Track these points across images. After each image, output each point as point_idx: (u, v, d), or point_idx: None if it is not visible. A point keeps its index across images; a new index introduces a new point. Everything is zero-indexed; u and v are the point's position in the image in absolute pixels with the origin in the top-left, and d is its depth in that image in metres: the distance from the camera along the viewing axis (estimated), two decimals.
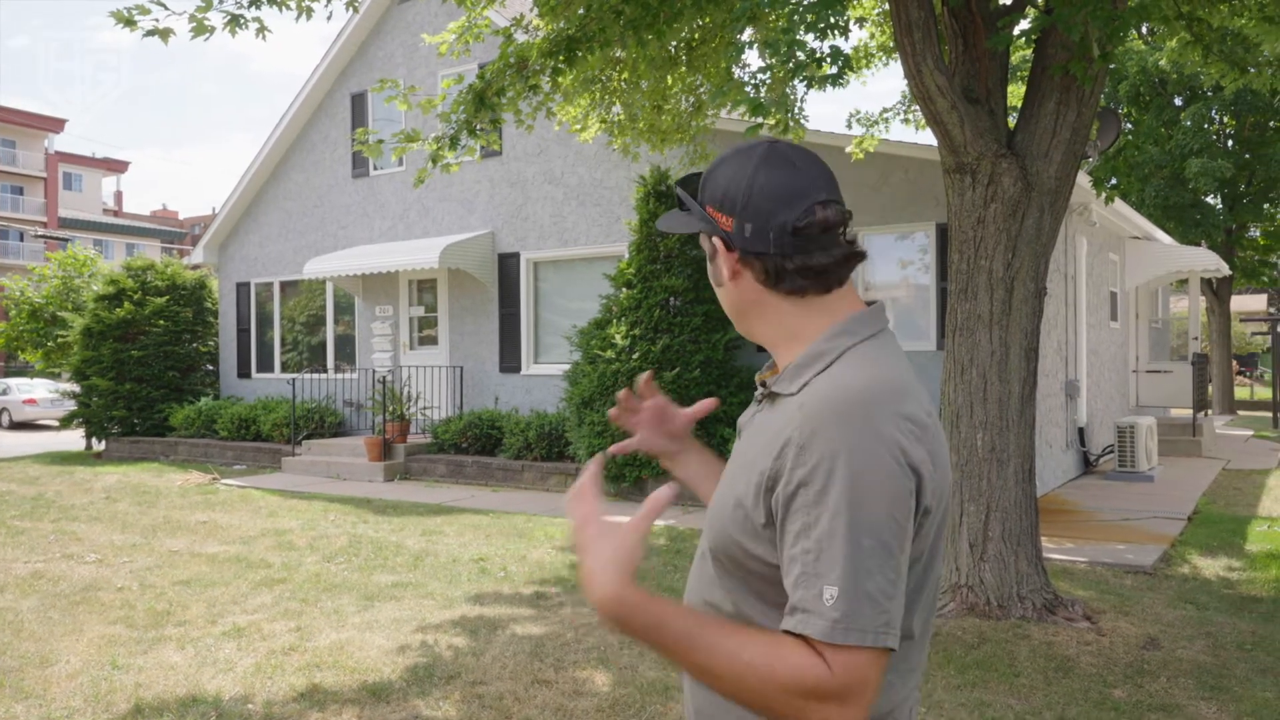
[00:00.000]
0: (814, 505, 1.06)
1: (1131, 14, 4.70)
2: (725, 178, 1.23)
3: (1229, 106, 17.69)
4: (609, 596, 1.08)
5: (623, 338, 9.20)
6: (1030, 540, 5.13)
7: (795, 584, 1.06)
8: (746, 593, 1.18)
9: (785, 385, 1.20)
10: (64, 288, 16.67)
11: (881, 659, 1.04)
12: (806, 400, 1.14)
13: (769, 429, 1.19)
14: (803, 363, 1.20)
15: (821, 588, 1.03)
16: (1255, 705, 3.86)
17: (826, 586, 1.03)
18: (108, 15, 4.86)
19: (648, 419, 1.55)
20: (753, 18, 4.72)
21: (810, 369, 1.19)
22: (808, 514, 1.06)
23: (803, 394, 1.16)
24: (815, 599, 1.03)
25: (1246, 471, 10.83)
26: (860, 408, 1.09)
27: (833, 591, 1.02)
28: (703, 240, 1.30)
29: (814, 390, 1.15)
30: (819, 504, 1.06)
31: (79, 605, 5.60)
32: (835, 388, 1.13)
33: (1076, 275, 10.13)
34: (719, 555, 1.20)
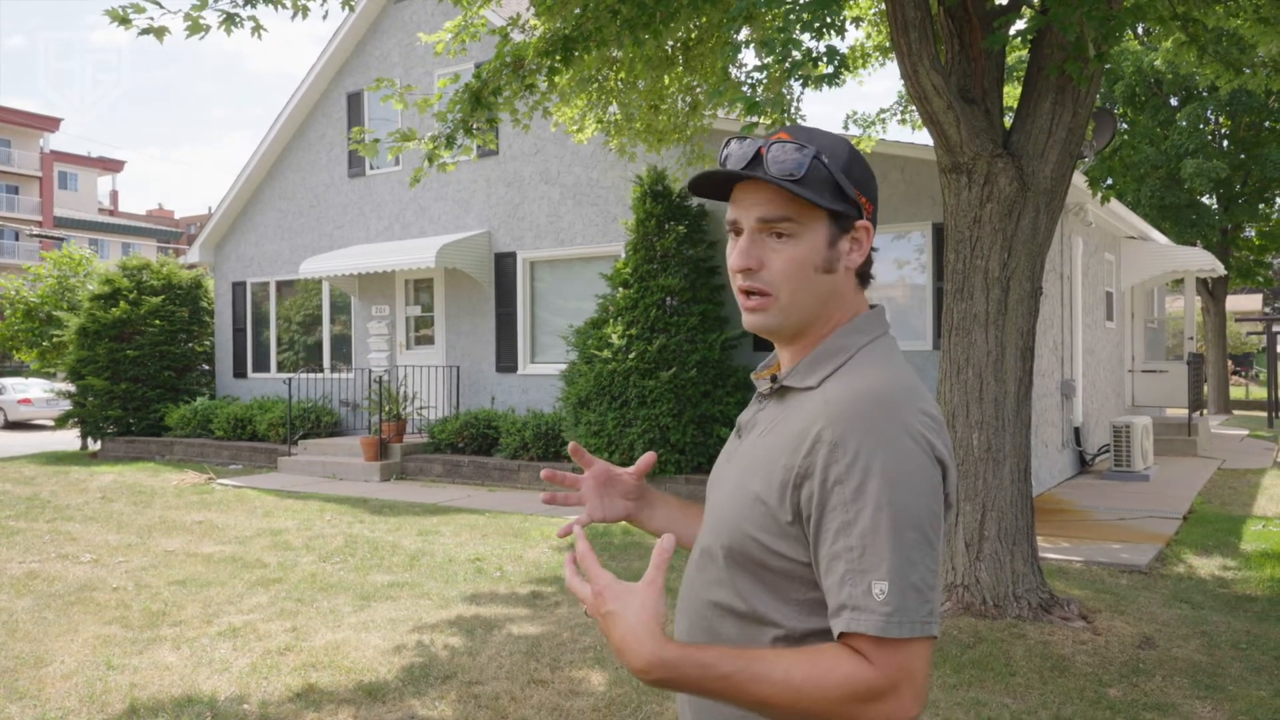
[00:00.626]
0: (852, 501, 1.07)
1: (1127, 14, 4.71)
2: (864, 165, 1.23)
3: (1224, 107, 17.73)
4: (650, 662, 1.06)
5: (619, 337, 9.20)
6: (1026, 540, 5.14)
7: (841, 581, 1.06)
8: (763, 590, 1.17)
9: (799, 379, 1.20)
10: (59, 287, 16.63)
11: (928, 649, 1.06)
12: (832, 397, 1.14)
13: (788, 424, 1.18)
14: (819, 357, 1.20)
15: (870, 583, 1.04)
16: (1250, 704, 3.87)
17: (875, 582, 1.04)
18: (103, 14, 4.85)
19: (592, 490, 1.48)
20: (749, 17, 4.72)
21: (826, 364, 1.19)
22: (846, 511, 1.07)
23: (824, 390, 1.16)
24: (865, 595, 1.04)
25: (1242, 471, 10.85)
26: (889, 405, 1.11)
27: (882, 586, 1.04)
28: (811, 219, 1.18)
29: (838, 387, 1.15)
30: (857, 500, 1.07)
31: (74, 605, 5.58)
32: (861, 385, 1.14)
33: (1072, 275, 10.15)
34: (734, 553, 1.19)
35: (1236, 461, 11.68)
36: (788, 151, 1.16)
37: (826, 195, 1.17)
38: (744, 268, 1.19)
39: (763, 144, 1.18)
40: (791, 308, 1.19)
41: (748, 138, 1.20)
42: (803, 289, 1.19)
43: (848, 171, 1.19)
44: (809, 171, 1.16)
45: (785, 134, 1.19)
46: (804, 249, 1.18)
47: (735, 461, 1.26)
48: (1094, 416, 11.20)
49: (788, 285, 1.18)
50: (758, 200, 1.19)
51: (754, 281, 1.20)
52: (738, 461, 1.26)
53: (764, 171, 1.16)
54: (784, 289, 1.18)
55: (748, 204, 1.20)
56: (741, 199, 1.21)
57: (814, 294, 1.20)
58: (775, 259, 1.18)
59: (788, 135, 1.19)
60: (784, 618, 1.16)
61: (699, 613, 1.25)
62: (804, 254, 1.18)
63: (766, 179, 1.16)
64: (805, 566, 1.14)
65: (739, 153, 1.19)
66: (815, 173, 1.16)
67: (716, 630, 1.22)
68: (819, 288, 1.20)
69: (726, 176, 1.20)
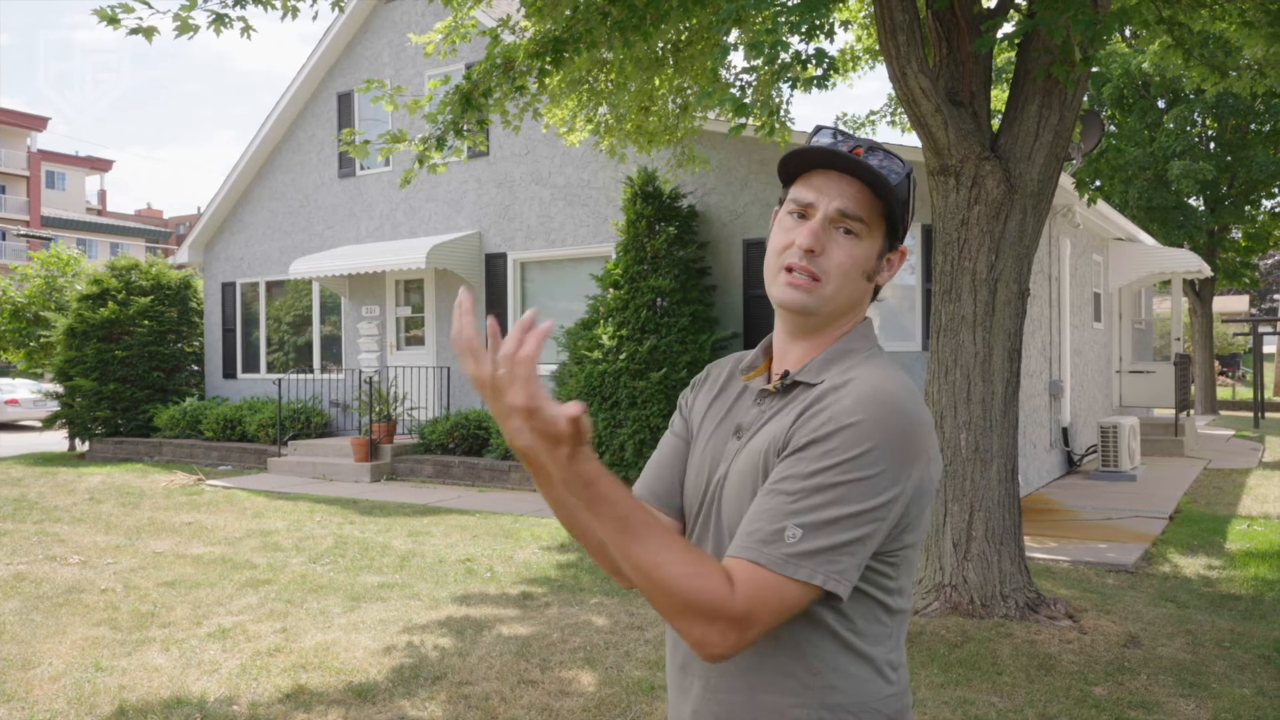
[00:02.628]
0: (820, 458, 1.12)
1: (1113, 18, 4.75)
2: (914, 198, 1.29)
3: (1211, 109, 17.86)
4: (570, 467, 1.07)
5: (610, 338, 9.21)
6: (1013, 539, 5.17)
7: (759, 514, 1.12)
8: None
9: (813, 375, 1.25)
10: (47, 287, 16.52)
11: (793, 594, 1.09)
12: (839, 383, 1.20)
13: (788, 411, 1.22)
14: (833, 356, 1.26)
15: (785, 526, 1.09)
16: (1233, 702, 3.91)
17: (792, 525, 1.10)
18: (90, 13, 4.84)
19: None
20: (738, 19, 4.74)
21: (840, 363, 1.25)
22: (810, 462, 1.12)
23: (833, 381, 1.21)
24: (775, 534, 1.09)
25: (1228, 471, 10.93)
26: (887, 399, 1.16)
27: (795, 533, 1.09)
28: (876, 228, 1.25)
29: (852, 381, 1.20)
30: (822, 459, 1.12)
31: (62, 607, 5.56)
32: (867, 380, 1.19)
33: (1060, 276, 10.21)
34: None
35: (1222, 461, 11.77)
36: (891, 160, 1.24)
37: (898, 211, 1.25)
38: (811, 248, 1.22)
39: (859, 145, 1.23)
40: (832, 300, 1.25)
41: (843, 135, 1.25)
42: (846, 286, 1.25)
43: (909, 198, 1.27)
44: (899, 184, 1.24)
45: (859, 149, 1.24)
46: (863, 251, 1.25)
47: (739, 461, 1.26)
48: (1082, 417, 11.27)
49: (838, 279, 1.24)
50: (843, 192, 1.23)
51: (811, 264, 1.23)
52: (740, 460, 1.26)
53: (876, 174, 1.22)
54: (834, 281, 1.23)
55: (831, 192, 1.23)
56: (824, 186, 1.24)
57: (851, 294, 1.26)
58: (838, 251, 1.23)
59: (860, 151, 1.24)
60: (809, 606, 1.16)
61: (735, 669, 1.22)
62: (861, 256, 1.25)
63: (873, 175, 1.21)
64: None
65: (841, 147, 1.23)
66: (901, 188, 1.24)
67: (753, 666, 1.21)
68: (857, 291, 1.27)
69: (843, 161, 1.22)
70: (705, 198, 10.08)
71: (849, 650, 1.18)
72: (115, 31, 4.92)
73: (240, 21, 5.25)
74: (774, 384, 1.28)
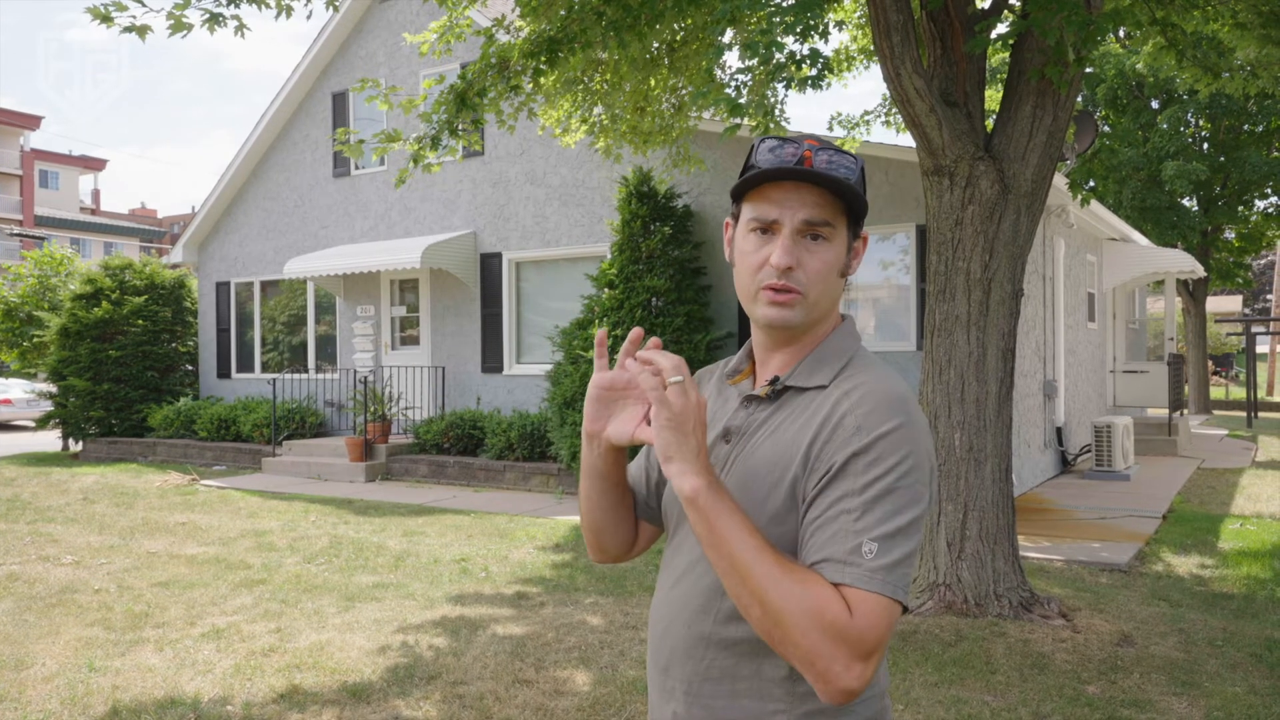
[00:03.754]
0: (865, 471, 1.12)
1: (1106, 19, 4.76)
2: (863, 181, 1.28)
3: (1204, 110, 17.91)
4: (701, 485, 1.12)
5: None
6: (1007, 539, 5.18)
7: (834, 536, 1.11)
8: None
9: (805, 379, 1.25)
10: (40, 287, 16.47)
11: (893, 619, 1.09)
12: (851, 389, 1.20)
13: (799, 420, 1.22)
14: (822, 359, 1.26)
15: (862, 542, 1.09)
16: (1225, 700, 3.92)
17: (867, 541, 1.09)
18: (84, 12, 4.82)
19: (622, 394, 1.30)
20: (733, 19, 4.75)
21: (832, 365, 1.25)
22: (860, 478, 1.12)
23: (841, 385, 1.22)
24: (854, 552, 1.09)
25: (1221, 470, 10.97)
26: (904, 403, 1.17)
27: (872, 547, 1.09)
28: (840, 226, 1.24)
29: (854, 383, 1.21)
30: (870, 470, 1.12)
31: (55, 608, 5.55)
32: (876, 383, 1.20)
33: (1054, 276, 10.24)
34: None
35: (1216, 461, 11.81)
36: (841, 156, 1.22)
37: (858, 204, 1.24)
38: (789, 266, 1.21)
39: (806, 149, 1.21)
40: (815, 307, 1.25)
41: (782, 140, 1.23)
42: (827, 290, 1.25)
43: (862, 185, 1.27)
44: (855, 178, 1.23)
45: (816, 142, 1.23)
46: (834, 253, 1.24)
47: (733, 467, 1.25)
48: (1076, 416, 11.30)
49: (818, 286, 1.23)
50: (804, 202, 1.21)
51: (789, 280, 1.22)
52: (737, 467, 1.25)
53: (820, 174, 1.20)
54: (814, 289, 1.23)
55: (792, 205, 1.21)
56: (783, 199, 1.21)
57: (831, 296, 1.26)
58: (812, 260, 1.22)
59: (818, 143, 1.23)
60: None
61: (708, 658, 1.24)
62: (834, 258, 1.24)
63: (831, 181, 1.19)
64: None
65: (787, 154, 1.22)
66: (857, 180, 1.24)
67: (734, 672, 1.22)
68: (836, 290, 1.27)
69: (797, 175, 1.20)
70: (700, 198, 10.08)
71: None
72: (109, 30, 4.91)
73: (234, 20, 5.24)
74: (764, 390, 1.27)
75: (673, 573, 1.32)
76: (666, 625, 1.30)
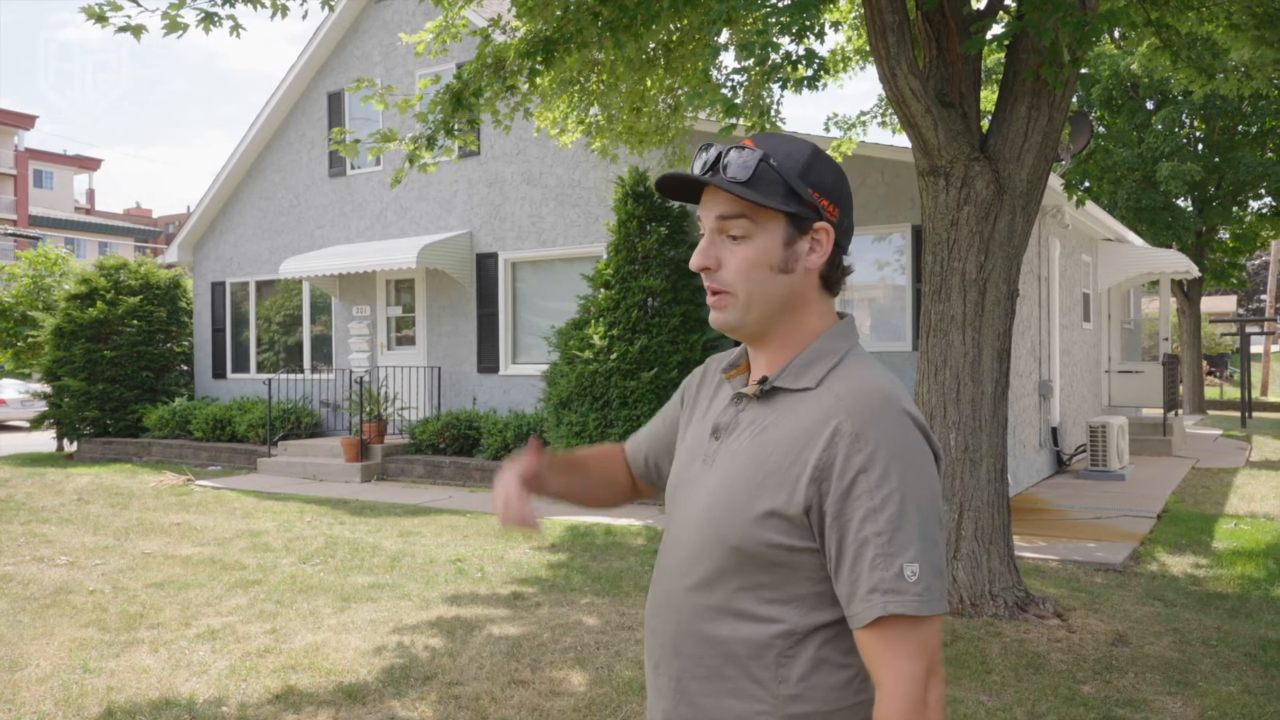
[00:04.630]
0: (877, 488, 1.11)
1: (1101, 20, 4.77)
2: (828, 170, 1.23)
3: (1199, 111, 17.96)
4: None
5: (601, 338, 9.21)
6: (1002, 539, 5.19)
7: (872, 565, 1.10)
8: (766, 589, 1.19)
9: (792, 380, 1.23)
10: (34, 287, 16.41)
11: (941, 623, 1.12)
12: (842, 392, 1.18)
13: (789, 422, 1.20)
14: (810, 360, 1.23)
15: (901, 566, 1.09)
16: (1219, 700, 3.93)
17: (906, 564, 1.09)
18: (78, 11, 4.81)
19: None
20: (729, 20, 4.74)
21: (819, 366, 1.23)
22: (872, 497, 1.11)
23: (829, 388, 1.19)
24: (897, 578, 1.09)
25: (1215, 470, 11.00)
26: (895, 403, 1.16)
27: (914, 569, 1.09)
28: (766, 220, 1.20)
29: (843, 385, 1.19)
30: (882, 486, 1.11)
31: (49, 609, 5.53)
32: (867, 384, 1.18)
33: (1049, 277, 10.26)
34: (739, 557, 1.19)
35: (1210, 461, 11.84)
36: (739, 156, 1.20)
37: (776, 197, 1.19)
38: (701, 267, 1.24)
39: (721, 151, 1.21)
40: (750, 306, 1.22)
41: (714, 144, 1.24)
42: (759, 288, 1.22)
43: (804, 175, 1.21)
44: (756, 174, 1.19)
45: (749, 140, 1.23)
46: (757, 249, 1.21)
47: (718, 464, 1.26)
48: (1071, 416, 11.32)
49: (743, 284, 1.22)
50: (716, 201, 1.23)
51: (713, 280, 1.24)
52: (722, 464, 1.25)
53: (717, 175, 1.20)
54: (740, 287, 1.22)
55: (708, 205, 1.24)
56: (705, 201, 1.25)
57: (771, 293, 1.22)
58: (731, 258, 1.22)
59: (750, 142, 1.22)
60: (787, 614, 1.18)
61: (695, 656, 1.24)
62: (758, 254, 1.21)
63: (712, 182, 1.20)
64: (815, 554, 1.16)
65: (704, 158, 1.23)
66: (764, 175, 1.19)
67: (721, 671, 1.22)
68: (776, 287, 1.22)
69: (681, 180, 1.24)
70: None
71: (821, 660, 1.18)
72: (103, 30, 4.89)
73: (230, 20, 5.22)
74: (752, 389, 1.26)
75: (664, 570, 1.32)
76: (657, 623, 1.30)
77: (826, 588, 1.17)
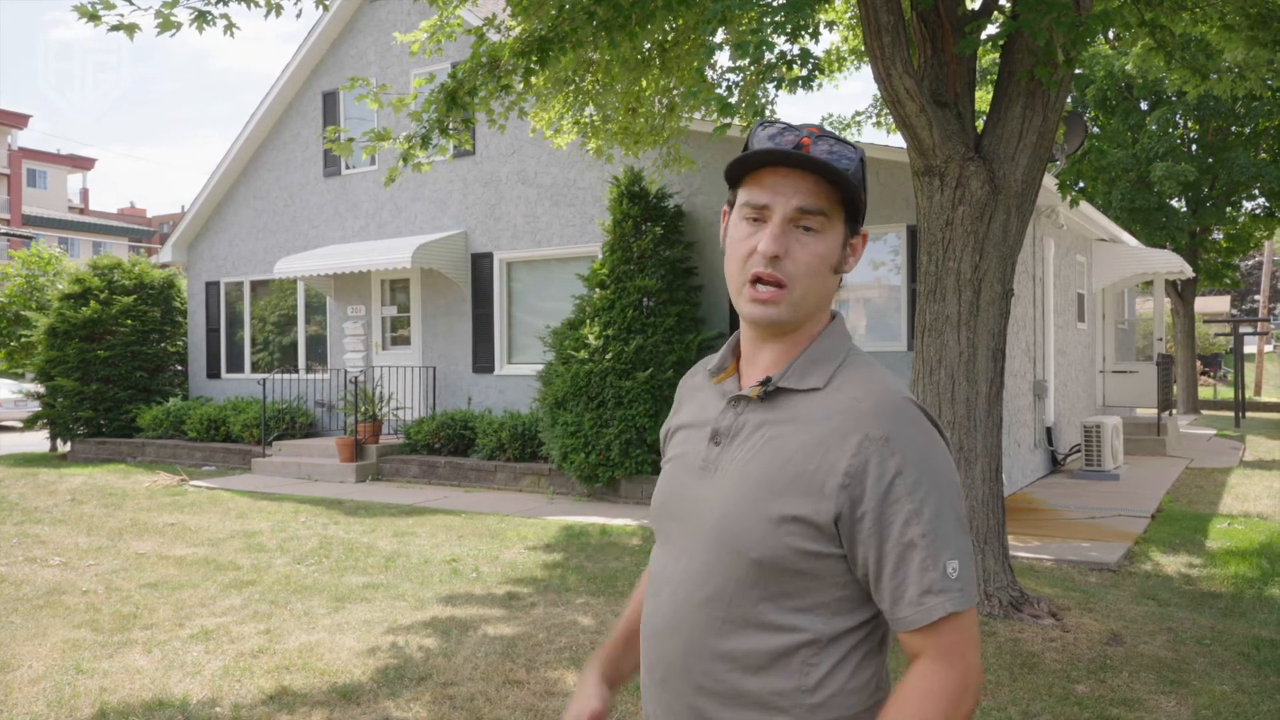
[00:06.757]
0: (913, 492, 1.11)
1: (1095, 20, 4.78)
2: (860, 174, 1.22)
3: (1193, 111, 18.00)
4: None
5: (596, 338, 9.21)
6: (997, 538, 5.20)
7: (922, 568, 1.11)
8: (787, 599, 1.16)
9: (798, 380, 1.20)
10: (28, 286, 16.35)
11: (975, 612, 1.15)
12: (860, 396, 1.16)
13: (803, 427, 1.17)
14: (814, 358, 1.21)
15: (944, 564, 1.10)
16: (1213, 699, 3.94)
17: (948, 561, 1.11)
18: (70, 10, 4.79)
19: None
20: (724, 20, 4.74)
21: (825, 365, 1.21)
22: (912, 499, 1.11)
23: (841, 389, 1.18)
24: (943, 577, 1.11)
25: (1209, 470, 11.03)
26: (913, 404, 1.16)
27: (954, 565, 1.11)
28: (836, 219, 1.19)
29: (858, 386, 1.18)
30: (918, 490, 1.11)
31: (42, 609, 5.51)
32: (881, 386, 1.17)
33: (1044, 277, 10.27)
34: (760, 568, 1.16)
35: (1204, 461, 11.87)
36: (842, 146, 1.17)
37: (856, 196, 1.19)
38: (775, 254, 1.15)
39: (806, 135, 1.17)
40: (802, 303, 1.19)
41: (781, 124, 1.19)
42: (815, 285, 1.19)
43: (863, 180, 1.22)
44: (854, 170, 1.18)
45: (817, 130, 1.19)
46: (827, 246, 1.19)
47: (724, 472, 1.21)
48: (1065, 416, 11.34)
49: (806, 279, 1.18)
50: (799, 189, 1.16)
51: (776, 269, 1.17)
52: (730, 472, 1.20)
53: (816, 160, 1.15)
54: (801, 282, 1.17)
55: (786, 191, 1.16)
56: (776, 185, 1.17)
57: (820, 292, 1.20)
58: (802, 252, 1.17)
59: (819, 131, 1.19)
60: (810, 622, 1.16)
61: (711, 673, 1.19)
62: (827, 250, 1.19)
63: (826, 168, 1.14)
64: (840, 559, 1.15)
65: (786, 141, 1.17)
66: (857, 173, 1.19)
67: (739, 686, 1.18)
68: (827, 287, 1.21)
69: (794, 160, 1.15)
70: (691, 198, 10.09)
71: (844, 666, 1.16)
72: (96, 29, 4.88)
73: (223, 19, 5.21)
74: (755, 391, 1.21)
75: (667, 587, 1.26)
76: (664, 638, 1.24)
77: (850, 592, 1.16)
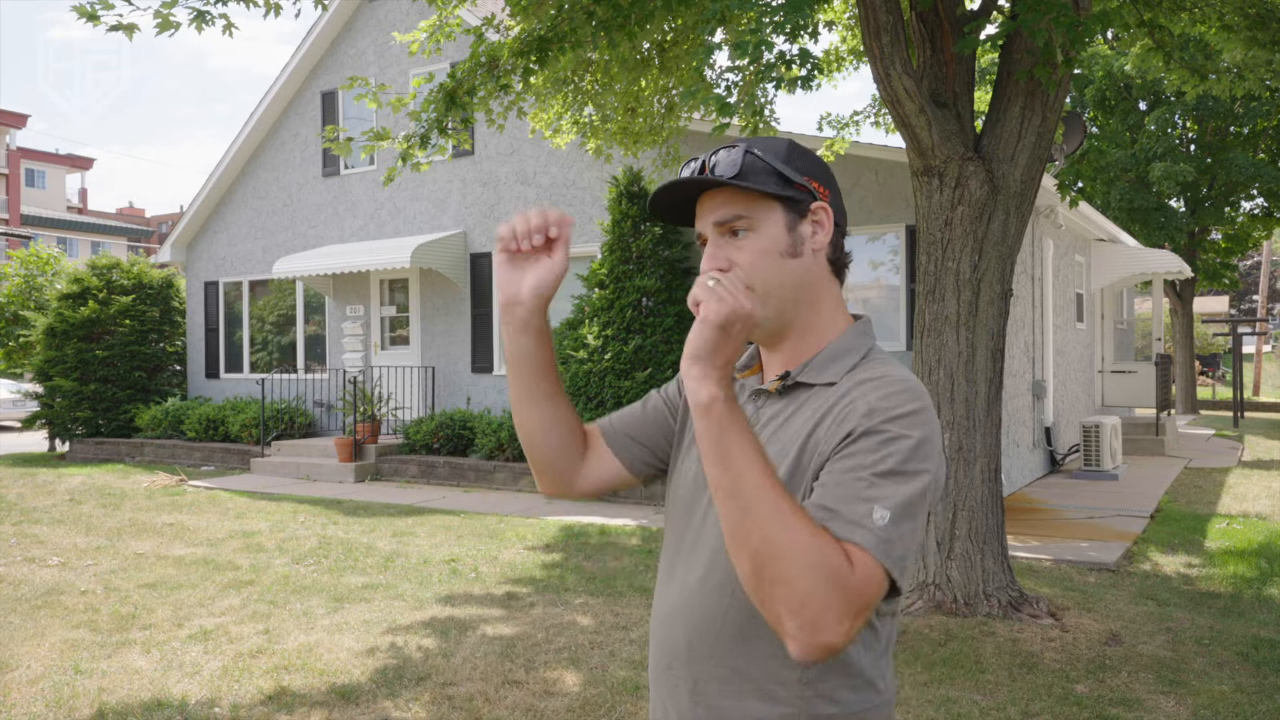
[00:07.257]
0: (880, 448, 1.09)
1: (1094, 21, 4.78)
2: (809, 156, 1.26)
3: (1191, 111, 18.02)
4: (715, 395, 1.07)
5: (595, 338, 9.20)
6: (996, 539, 5.20)
7: (846, 497, 1.06)
8: None
9: (816, 375, 1.23)
10: (26, 286, 16.34)
11: (882, 592, 1.05)
12: (864, 378, 1.18)
13: (807, 409, 1.20)
14: (832, 355, 1.24)
15: (874, 507, 1.05)
16: (1212, 698, 3.94)
17: (879, 507, 1.05)
18: (69, 10, 4.79)
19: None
20: (723, 19, 4.74)
21: (844, 360, 1.23)
22: (874, 452, 1.09)
23: (854, 376, 1.20)
24: (866, 515, 1.05)
25: (1207, 470, 11.04)
26: (922, 400, 1.16)
27: (884, 514, 1.05)
28: (764, 211, 1.22)
29: (866, 374, 1.19)
30: (885, 448, 1.09)
31: (41, 609, 5.50)
32: (894, 378, 1.18)
33: (1043, 277, 10.28)
34: None
35: (1203, 461, 11.88)
36: (725, 155, 1.23)
37: (771, 184, 1.22)
38: (716, 269, 1.21)
39: (705, 158, 1.24)
40: (768, 298, 1.21)
41: (696, 156, 1.27)
42: (773, 276, 1.22)
43: (789, 160, 1.24)
44: (745, 166, 1.21)
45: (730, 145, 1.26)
46: (764, 239, 1.22)
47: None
48: (1064, 416, 11.35)
49: (758, 275, 1.21)
50: (711, 207, 1.25)
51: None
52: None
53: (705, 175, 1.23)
54: (755, 279, 1.21)
55: (704, 213, 1.26)
56: (700, 212, 1.27)
57: (784, 280, 1.22)
58: (741, 254, 1.22)
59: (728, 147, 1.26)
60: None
61: (715, 659, 1.20)
62: (766, 243, 1.22)
63: (705, 179, 1.22)
64: None
65: (690, 168, 1.26)
66: (752, 166, 1.22)
67: (744, 672, 1.19)
68: (789, 274, 1.23)
69: (672, 192, 1.26)
70: None
71: (848, 660, 1.17)
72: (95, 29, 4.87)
73: (222, 19, 5.21)
74: (774, 385, 1.26)
75: (677, 569, 1.29)
76: (671, 623, 1.27)
77: None
